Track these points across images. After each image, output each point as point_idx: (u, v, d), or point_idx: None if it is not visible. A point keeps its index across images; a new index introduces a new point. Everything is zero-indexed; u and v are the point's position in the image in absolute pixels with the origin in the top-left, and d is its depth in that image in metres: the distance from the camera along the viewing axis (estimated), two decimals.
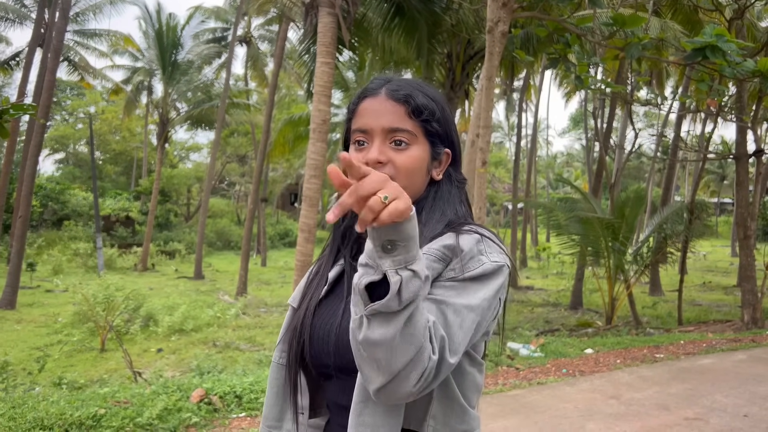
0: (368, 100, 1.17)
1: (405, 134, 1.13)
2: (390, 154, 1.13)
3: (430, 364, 0.94)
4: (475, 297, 1.04)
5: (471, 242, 1.09)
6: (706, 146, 13.42)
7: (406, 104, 1.14)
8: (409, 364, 0.92)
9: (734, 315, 12.34)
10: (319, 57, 8.34)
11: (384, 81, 1.19)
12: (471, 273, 1.06)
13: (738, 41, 6.05)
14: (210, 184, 22.88)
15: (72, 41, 25.11)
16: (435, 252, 1.07)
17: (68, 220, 27.01)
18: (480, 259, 1.07)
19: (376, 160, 1.12)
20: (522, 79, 25.31)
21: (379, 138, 1.14)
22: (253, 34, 29.81)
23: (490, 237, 1.12)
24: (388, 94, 1.15)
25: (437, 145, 1.19)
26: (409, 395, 0.96)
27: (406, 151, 1.14)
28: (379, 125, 1.14)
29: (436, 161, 1.20)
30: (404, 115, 1.14)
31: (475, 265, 1.06)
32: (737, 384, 5.62)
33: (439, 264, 1.06)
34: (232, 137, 35.73)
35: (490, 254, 1.09)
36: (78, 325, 11.45)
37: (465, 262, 1.06)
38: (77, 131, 39.65)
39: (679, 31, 11.60)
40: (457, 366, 1.07)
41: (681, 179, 44.19)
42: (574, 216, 11.04)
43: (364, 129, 1.15)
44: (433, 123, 1.16)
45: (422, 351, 0.93)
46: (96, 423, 4.15)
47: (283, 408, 1.24)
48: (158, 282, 19.19)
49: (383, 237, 0.89)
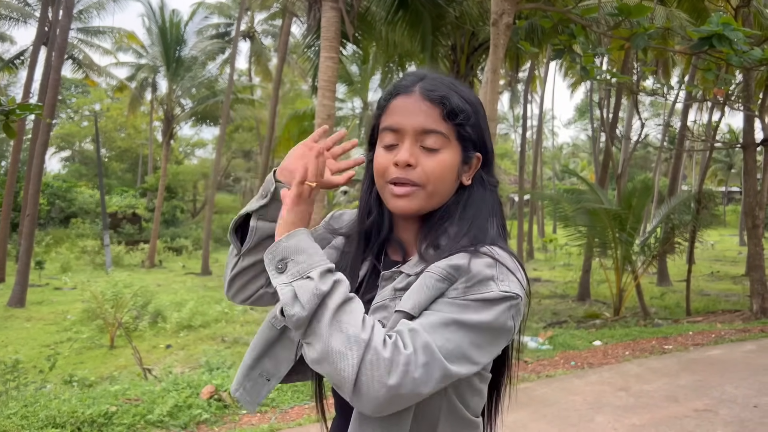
0: (401, 98, 1.12)
1: (438, 137, 1.09)
2: (420, 157, 1.09)
3: (400, 358, 0.91)
4: (476, 316, 0.98)
5: (482, 265, 1.02)
6: (714, 135, 13.33)
7: (441, 106, 1.09)
8: (364, 363, 0.90)
9: (743, 305, 12.29)
10: (323, 51, 8.32)
11: (418, 78, 1.13)
12: (475, 296, 0.99)
13: (745, 29, 5.99)
14: (216, 179, 22.92)
15: (76, 39, 25.14)
16: (439, 271, 1.02)
17: (75, 218, 27.13)
18: (489, 285, 1.00)
19: (406, 161, 1.08)
20: (527, 70, 25.19)
21: (410, 139, 1.09)
22: (257, 29, 29.82)
23: (506, 264, 1.04)
24: (422, 93, 1.10)
25: (469, 149, 1.13)
26: (395, 393, 0.91)
27: (437, 156, 1.09)
28: (412, 126, 1.09)
29: (467, 165, 1.14)
30: (438, 117, 1.09)
31: (482, 290, 0.99)
32: (747, 375, 5.60)
33: (443, 283, 1.01)
34: (237, 133, 35.78)
35: (501, 282, 1.01)
36: (87, 322, 11.51)
37: (470, 285, 1.00)
38: (83, 129, 39.76)
39: (684, 19, 11.51)
40: (464, 382, 1.07)
41: (688, 168, 43.99)
42: (581, 207, 11.00)
43: (395, 128, 1.11)
44: (467, 127, 1.11)
45: (369, 345, 0.91)
46: (108, 420, 4.18)
47: (249, 365, 1.25)
48: (166, 278, 19.25)
49: (275, 258, 0.98)
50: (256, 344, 1.25)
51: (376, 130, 1.17)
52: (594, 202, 10.97)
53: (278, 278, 0.98)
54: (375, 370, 0.90)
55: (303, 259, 0.98)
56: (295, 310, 0.93)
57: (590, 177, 32.50)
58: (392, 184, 1.10)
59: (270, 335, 1.23)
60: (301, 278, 0.96)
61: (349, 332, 0.92)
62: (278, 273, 0.99)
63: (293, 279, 0.97)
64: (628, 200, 11.39)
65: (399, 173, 1.09)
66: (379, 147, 1.14)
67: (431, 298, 1.01)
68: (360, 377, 0.90)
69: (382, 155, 1.12)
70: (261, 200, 1.23)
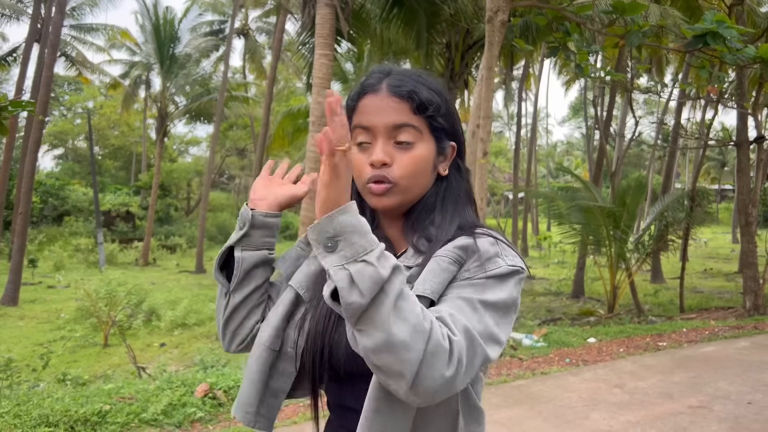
0: (369, 97, 1.11)
1: (410, 130, 1.08)
2: (395, 154, 1.08)
3: (455, 347, 0.88)
4: (494, 295, 0.99)
5: (486, 244, 1.04)
6: (707, 133, 13.37)
7: (410, 100, 1.08)
8: (426, 355, 0.86)
9: (736, 302, 12.34)
10: (317, 49, 8.29)
11: (383, 74, 1.12)
12: (488, 273, 1.01)
13: (739, 27, 6.00)
14: (210, 177, 22.85)
15: (69, 36, 25.04)
16: (449, 254, 1.03)
17: (68, 216, 27.00)
18: (497, 261, 1.02)
19: (381, 161, 1.07)
20: (521, 68, 25.22)
21: (383, 137, 1.08)
22: (251, 26, 29.74)
23: (504, 240, 1.08)
24: (390, 89, 1.09)
25: (443, 139, 1.13)
26: (450, 384, 0.89)
27: (412, 151, 1.08)
28: (383, 123, 1.08)
29: (442, 156, 1.15)
30: (409, 112, 1.08)
31: (493, 266, 1.01)
32: (741, 371, 5.62)
33: (454, 266, 1.02)
34: (231, 130, 35.67)
35: (506, 257, 1.04)
36: (80, 320, 11.46)
37: (481, 263, 1.02)
38: (76, 126, 39.58)
39: (678, 17, 11.54)
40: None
41: (681, 166, 44.14)
42: (575, 205, 11.02)
43: (366, 126, 1.09)
44: (439, 118, 1.11)
45: (431, 335, 0.86)
46: (101, 419, 4.16)
47: (261, 391, 1.18)
48: (160, 276, 19.20)
49: (322, 235, 0.88)
50: (258, 370, 1.17)
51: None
52: (588, 200, 10.99)
53: (328, 258, 0.88)
54: (437, 361, 0.87)
55: (356, 239, 0.88)
56: (353, 298, 0.85)
57: (584, 175, 32.58)
58: (370, 184, 1.09)
59: (270, 358, 1.18)
60: (356, 261, 0.87)
61: (411, 321, 0.86)
62: (327, 252, 0.88)
63: (347, 261, 0.87)
64: (622, 198, 11.41)
65: (376, 172, 1.08)
66: (355, 147, 1.11)
67: (446, 281, 1.01)
68: (422, 368, 0.86)
69: (356, 156, 1.10)
70: (240, 232, 1.21)
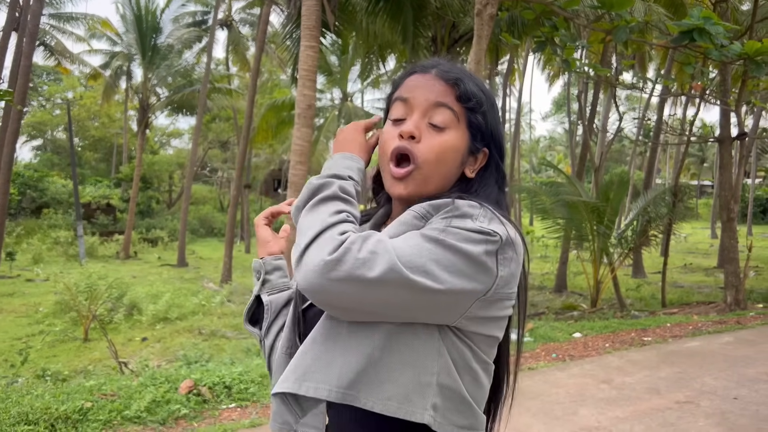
0: (417, 76, 1.11)
1: (447, 113, 1.06)
2: (425, 132, 1.06)
3: (348, 238, 0.91)
4: (442, 236, 0.92)
5: (465, 205, 0.98)
6: (690, 129, 13.46)
7: (455, 87, 1.08)
8: (317, 239, 0.92)
9: (716, 296, 12.48)
10: (303, 41, 8.18)
11: (436, 62, 1.13)
12: (452, 224, 0.94)
13: (725, 24, 6.01)
14: (192, 170, 22.60)
15: (48, 25, 24.58)
16: (419, 209, 1.00)
17: (47, 208, 26.57)
18: (465, 221, 0.95)
19: (410, 132, 1.05)
20: (505, 62, 25.23)
21: (419, 112, 1.07)
22: (234, 17, 29.39)
23: (493, 210, 0.99)
24: (438, 73, 1.09)
25: (477, 138, 1.10)
26: (327, 268, 0.88)
27: (443, 135, 1.06)
28: (423, 97, 1.08)
29: (473, 157, 1.11)
30: (451, 97, 1.07)
31: (459, 223, 0.94)
32: (725, 366, 5.66)
33: (420, 221, 0.98)
34: (214, 123, 35.31)
35: (478, 219, 0.96)
36: (60, 314, 11.29)
37: (446, 216, 0.96)
38: (55, 117, 38.91)
39: (663, 14, 11.59)
40: (461, 359, 1.00)
41: (662, 162, 44.58)
42: (560, 200, 11.05)
43: (405, 98, 1.09)
44: (478, 114, 1.09)
45: (329, 227, 0.94)
46: (83, 417, 4.07)
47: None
48: (141, 270, 18.98)
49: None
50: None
51: (388, 107, 1.15)
52: (572, 195, 11.02)
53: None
54: (323, 246, 0.91)
55: (329, 166, 1.08)
56: (296, 203, 1.03)
57: (566, 170, 32.75)
58: (393, 165, 1.07)
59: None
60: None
61: (321, 216, 0.96)
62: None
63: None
64: (605, 193, 11.46)
65: (402, 143, 1.06)
66: (388, 121, 1.12)
67: (404, 233, 0.97)
68: (308, 250, 0.92)
69: (388, 129, 1.10)
70: (259, 280, 1.31)
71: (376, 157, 1.18)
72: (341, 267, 0.88)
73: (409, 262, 0.89)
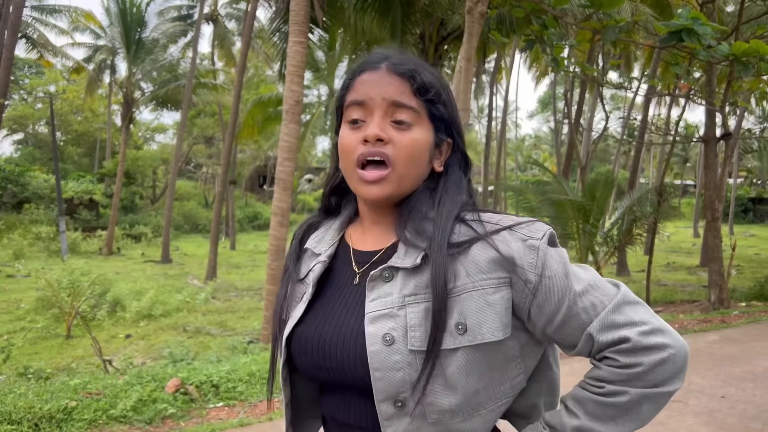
0: (367, 74, 1.02)
1: (409, 111, 0.99)
2: (391, 132, 0.98)
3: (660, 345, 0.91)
4: (565, 273, 0.94)
5: (507, 239, 0.96)
6: (675, 130, 13.57)
7: (411, 80, 0.99)
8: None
9: (699, 295, 12.60)
10: (291, 36, 8.12)
11: (384, 55, 1.03)
12: (542, 270, 0.93)
13: (713, 25, 6.05)
14: (176, 165, 22.41)
15: (30, 17, 24.20)
16: (490, 281, 0.94)
17: (29, 203, 26.19)
18: (532, 253, 0.94)
19: (377, 136, 0.97)
20: (493, 60, 25.29)
21: (380, 112, 0.99)
22: (220, 12, 29.18)
23: (509, 217, 0.99)
24: (390, 68, 1.00)
25: (441, 130, 1.04)
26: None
27: (410, 132, 0.99)
28: (381, 96, 0.99)
29: (438, 149, 1.05)
30: (409, 92, 0.99)
31: (537, 257, 0.94)
32: (712, 365, 5.70)
33: (504, 289, 0.94)
34: (199, 118, 35.07)
35: (530, 233, 0.96)
36: (42, 311, 11.12)
37: (526, 266, 0.94)
38: (37, 111, 38.40)
39: (649, 14, 11.67)
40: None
41: (645, 162, 44.96)
42: (546, 199, 11.08)
43: (361, 100, 1.00)
44: (439, 105, 1.02)
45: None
46: (67, 416, 4.00)
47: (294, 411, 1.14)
48: (124, 266, 18.79)
49: None
50: (286, 394, 1.14)
51: (341, 110, 1.06)
52: (558, 194, 11.05)
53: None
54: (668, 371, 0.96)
55: None
56: None
57: (552, 168, 32.91)
58: (361, 170, 0.99)
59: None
60: None
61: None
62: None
63: None
64: (591, 192, 11.51)
65: (370, 149, 0.98)
66: (344, 125, 1.03)
67: (504, 310, 0.94)
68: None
69: (347, 134, 1.02)
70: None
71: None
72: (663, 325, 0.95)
73: (615, 298, 0.95)
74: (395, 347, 0.92)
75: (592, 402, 0.93)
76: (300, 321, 1.03)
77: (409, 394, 0.91)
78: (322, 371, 0.99)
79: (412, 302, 0.94)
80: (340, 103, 1.06)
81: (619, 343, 0.90)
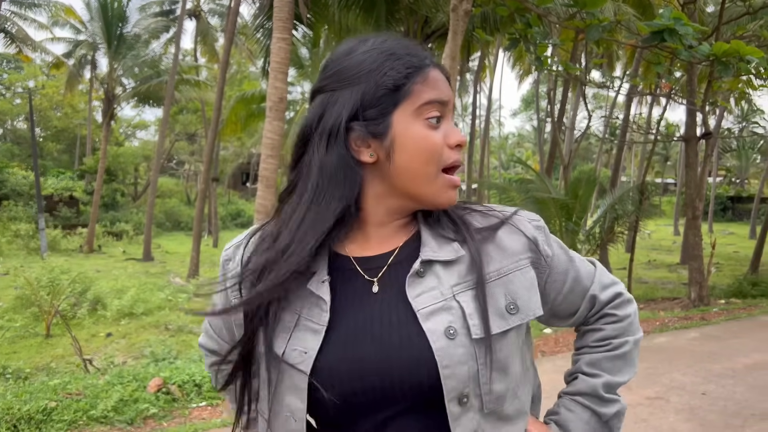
0: (436, 71, 0.95)
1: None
2: None
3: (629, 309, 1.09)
4: (567, 250, 1.05)
5: (522, 222, 1.02)
6: (657, 129, 13.70)
7: (449, 82, 0.98)
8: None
9: (679, 292, 12.74)
10: (275, 32, 8.05)
11: (426, 53, 0.96)
12: (551, 247, 1.02)
13: (695, 25, 6.10)
14: (158, 162, 22.20)
15: (8, 12, 23.84)
16: (523, 260, 0.98)
17: (7, 200, 25.82)
18: (539, 226, 1.02)
19: (465, 142, 0.98)
20: (476, 59, 25.35)
21: (451, 115, 0.97)
22: (203, 7, 28.96)
23: (497, 208, 1.04)
24: (438, 67, 0.96)
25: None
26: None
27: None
28: (451, 100, 0.96)
29: None
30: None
31: (546, 236, 1.03)
32: (692, 362, 5.76)
33: (533, 269, 0.99)
34: (181, 114, 34.80)
35: (531, 217, 1.04)
36: (20, 310, 10.95)
37: (541, 245, 1.01)
38: (15, 107, 37.82)
39: (631, 14, 11.76)
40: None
41: (627, 160, 45.37)
42: (530, 197, 11.12)
43: (445, 100, 0.94)
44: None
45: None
46: (47, 417, 3.94)
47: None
48: (105, 264, 18.59)
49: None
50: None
51: (396, 95, 0.91)
52: (542, 192, 11.11)
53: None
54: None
55: None
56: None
57: (535, 167, 33.09)
58: (446, 173, 0.94)
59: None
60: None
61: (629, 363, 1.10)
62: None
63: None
64: (574, 190, 11.59)
65: (458, 157, 0.96)
66: (420, 121, 0.92)
67: (536, 285, 0.99)
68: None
69: (432, 134, 0.92)
70: None
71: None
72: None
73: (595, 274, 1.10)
74: (458, 340, 0.87)
75: (606, 359, 1.05)
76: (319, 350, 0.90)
77: (471, 388, 0.87)
78: (358, 396, 0.88)
79: (460, 291, 0.91)
80: (402, 84, 0.91)
81: (615, 299, 1.06)
